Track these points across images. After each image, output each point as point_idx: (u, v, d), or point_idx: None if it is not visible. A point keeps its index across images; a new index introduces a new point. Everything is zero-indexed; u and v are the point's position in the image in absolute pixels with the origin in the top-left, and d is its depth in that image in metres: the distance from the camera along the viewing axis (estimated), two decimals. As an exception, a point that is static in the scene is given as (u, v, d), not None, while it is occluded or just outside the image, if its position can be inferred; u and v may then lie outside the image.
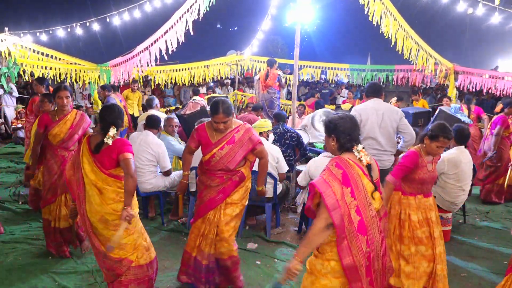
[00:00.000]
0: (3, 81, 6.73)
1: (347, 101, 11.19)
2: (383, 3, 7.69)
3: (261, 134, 4.60)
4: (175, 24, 7.18)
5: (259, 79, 8.18)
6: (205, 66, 10.01)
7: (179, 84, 10.11)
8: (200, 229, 3.26)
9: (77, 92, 12.16)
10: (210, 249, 3.23)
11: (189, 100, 7.72)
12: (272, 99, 8.06)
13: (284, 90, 9.96)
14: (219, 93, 11.51)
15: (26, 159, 5.38)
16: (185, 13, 7.13)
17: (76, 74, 7.41)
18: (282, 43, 27.10)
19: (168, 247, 4.27)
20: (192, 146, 3.38)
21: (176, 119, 5.51)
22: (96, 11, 8.36)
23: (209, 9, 7.28)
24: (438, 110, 6.64)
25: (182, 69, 9.63)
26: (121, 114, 2.94)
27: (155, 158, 4.77)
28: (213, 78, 11.11)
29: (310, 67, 10.47)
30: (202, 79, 10.41)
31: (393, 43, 8.09)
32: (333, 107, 11.09)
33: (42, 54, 7.06)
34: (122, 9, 7.48)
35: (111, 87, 7.90)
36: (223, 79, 13.13)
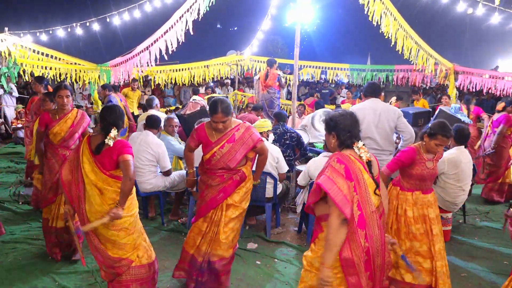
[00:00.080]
0: (3, 81, 6.72)
1: (346, 101, 11.18)
2: (383, 3, 7.68)
3: (261, 134, 4.57)
4: (175, 24, 7.18)
5: (259, 79, 8.18)
6: (205, 66, 10.00)
7: (179, 84, 10.10)
8: (201, 228, 3.27)
9: (77, 92, 12.15)
10: (208, 247, 3.24)
11: (189, 100, 7.72)
12: (272, 99, 8.06)
13: (284, 90, 9.95)
14: (219, 93, 11.51)
15: (31, 157, 5.32)
16: (185, 13, 7.12)
17: (76, 74, 7.40)
18: (282, 43, 27.12)
19: (168, 247, 4.27)
20: (192, 145, 3.41)
21: (176, 119, 5.51)
22: (96, 11, 8.38)
23: (209, 9, 7.27)
24: (438, 110, 6.64)
25: (182, 69, 9.62)
26: (122, 115, 2.94)
27: (155, 158, 4.77)
28: (213, 78, 11.10)
29: (310, 67, 10.46)
30: (202, 79, 10.41)
31: (393, 43, 8.09)
32: (333, 107, 11.07)
33: (42, 54, 7.05)
34: (122, 9, 7.48)
35: (112, 86, 7.90)
36: (223, 79, 13.13)
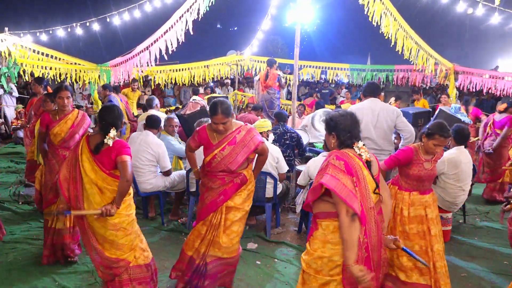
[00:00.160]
0: (3, 81, 6.71)
1: (345, 101, 11.19)
2: (383, 3, 7.68)
3: (261, 134, 4.58)
4: (175, 24, 7.17)
5: (259, 79, 8.18)
6: (205, 66, 10.00)
7: (179, 84, 10.10)
8: (201, 231, 3.25)
9: (77, 92, 12.14)
10: (206, 249, 3.22)
11: (189, 100, 7.72)
12: (272, 100, 8.06)
13: (284, 90, 9.94)
14: (219, 93, 11.50)
15: (34, 157, 5.28)
16: (185, 13, 7.11)
17: (76, 74, 7.39)
18: (282, 43, 27.11)
19: (168, 247, 4.27)
20: (192, 146, 3.40)
21: (176, 119, 5.52)
22: (96, 11, 8.36)
23: (209, 9, 7.26)
24: (438, 110, 6.64)
25: (182, 69, 9.61)
26: (120, 115, 2.95)
27: (155, 158, 4.77)
28: (213, 78, 11.10)
29: (310, 67, 10.45)
30: (202, 79, 10.41)
31: (393, 43, 8.08)
32: (333, 107, 11.07)
33: (42, 54, 7.04)
34: (122, 9, 7.47)
35: (112, 87, 7.90)
36: (223, 79, 13.12)
